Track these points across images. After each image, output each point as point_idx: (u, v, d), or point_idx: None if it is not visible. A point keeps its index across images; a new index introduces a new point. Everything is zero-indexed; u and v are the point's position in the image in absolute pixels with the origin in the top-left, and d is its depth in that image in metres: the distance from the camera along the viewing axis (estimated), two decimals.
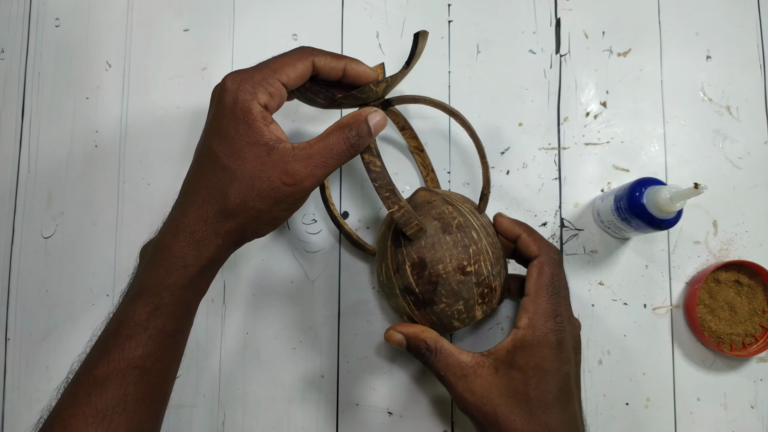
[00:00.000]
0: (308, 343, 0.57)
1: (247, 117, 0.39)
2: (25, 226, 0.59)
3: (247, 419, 0.56)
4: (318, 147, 0.40)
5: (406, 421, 0.56)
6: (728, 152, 0.59)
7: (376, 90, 0.44)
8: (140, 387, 0.39)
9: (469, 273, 0.45)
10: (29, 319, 0.58)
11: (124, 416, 0.38)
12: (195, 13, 0.61)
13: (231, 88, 0.40)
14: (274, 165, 0.39)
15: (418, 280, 0.46)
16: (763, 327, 0.55)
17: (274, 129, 0.40)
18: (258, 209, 0.40)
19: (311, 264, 0.58)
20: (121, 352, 0.39)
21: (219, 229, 0.40)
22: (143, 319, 0.39)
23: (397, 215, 0.44)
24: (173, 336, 0.41)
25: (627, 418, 0.55)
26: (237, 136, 0.39)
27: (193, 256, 0.40)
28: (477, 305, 0.46)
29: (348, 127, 0.41)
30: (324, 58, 0.42)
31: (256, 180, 0.39)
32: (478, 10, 0.61)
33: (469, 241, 0.45)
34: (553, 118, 0.59)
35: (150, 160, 0.59)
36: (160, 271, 0.40)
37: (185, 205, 0.41)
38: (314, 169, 0.40)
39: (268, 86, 0.40)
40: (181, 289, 0.40)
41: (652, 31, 0.60)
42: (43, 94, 0.61)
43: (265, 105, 0.40)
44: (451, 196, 0.49)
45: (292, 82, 0.41)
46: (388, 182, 0.43)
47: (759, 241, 0.57)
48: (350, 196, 0.59)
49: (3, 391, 0.57)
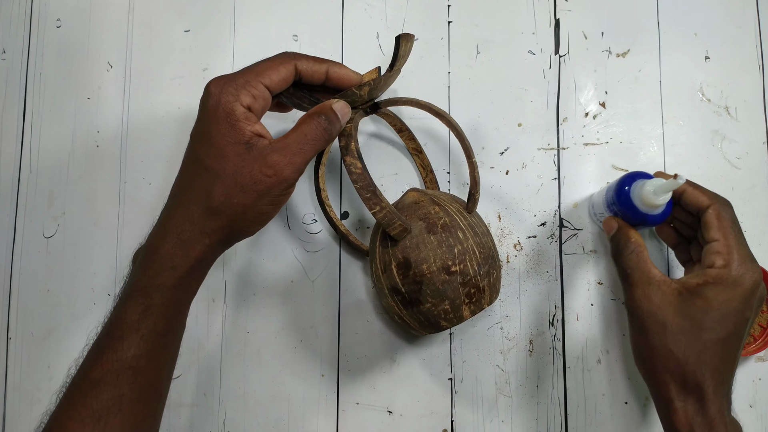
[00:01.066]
0: (308, 342, 0.57)
1: (230, 117, 0.40)
2: (27, 226, 0.59)
3: (248, 418, 0.56)
4: (293, 137, 0.42)
5: (406, 420, 0.56)
6: (727, 152, 0.59)
7: (360, 93, 0.45)
8: (134, 387, 0.40)
9: (454, 273, 0.45)
10: (30, 318, 0.58)
11: (120, 416, 0.39)
12: (196, 13, 0.61)
13: (214, 92, 0.41)
14: (254, 160, 0.40)
15: (404, 279, 0.46)
16: (762, 326, 0.56)
17: (258, 128, 0.41)
18: (242, 204, 0.41)
19: (311, 264, 0.58)
20: (113, 353, 0.40)
21: (205, 228, 0.41)
22: (134, 320, 0.40)
23: (379, 216, 0.44)
24: (165, 336, 0.42)
25: (626, 417, 0.56)
26: (219, 136, 0.41)
27: (181, 257, 0.41)
28: (464, 305, 0.46)
29: (316, 114, 0.43)
30: (306, 62, 0.44)
31: (239, 176, 0.40)
32: (478, 11, 0.61)
33: (454, 241, 0.46)
34: (553, 119, 0.60)
35: (151, 160, 0.60)
36: (149, 272, 0.41)
37: (172, 208, 0.42)
38: (292, 157, 0.41)
39: (251, 89, 0.41)
40: (170, 289, 0.41)
41: (651, 31, 0.61)
42: (45, 94, 0.61)
43: (248, 107, 0.41)
44: (440, 197, 0.49)
45: (276, 86, 0.43)
46: (369, 183, 0.44)
47: (758, 241, 0.58)
48: (350, 197, 0.59)
49: (4, 391, 0.57)
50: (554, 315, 0.57)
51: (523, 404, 0.56)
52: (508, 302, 0.57)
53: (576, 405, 0.56)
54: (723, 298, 0.43)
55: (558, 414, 0.56)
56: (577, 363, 0.56)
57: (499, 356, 0.57)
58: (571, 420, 0.56)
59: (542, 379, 0.56)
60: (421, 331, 0.49)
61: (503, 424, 0.56)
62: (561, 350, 0.57)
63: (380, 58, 0.60)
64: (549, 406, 0.56)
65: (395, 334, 0.57)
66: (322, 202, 0.56)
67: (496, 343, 0.57)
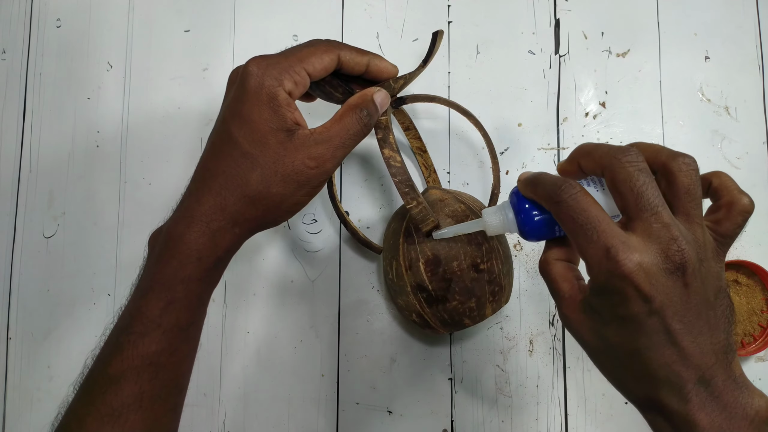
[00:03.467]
0: (308, 342, 0.57)
1: (273, 102, 0.38)
2: (27, 226, 0.59)
3: (248, 418, 0.56)
4: (335, 129, 0.40)
5: (406, 420, 0.56)
6: (727, 152, 0.59)
7: (395, 86, 0.45)
8: (155, 383, 0.38)
9: (482, 270, 0.45)
10: (30, 318, 0.58)
11: (140, 413, 0.38)
12: (196, 13, 0.61)
13: (256, 73, 0.39)
14: (297, 149, 0.39)
15: (432, 276, 0.46)
16: (762, 326, 0.56)
17: (297, 116, 0.40)
18: (281, 194, 0.39)
19: (311, 264, 0.58)
20: (134, 349, 0.38)
21: (238, 217, 0.39)
22: (156, 314, 0.38)
23: (415, 211, 0.44)
24: (187, 330, 0.40)
25: (626, 417, 0.56)
26: (261, 121, 0.39)
27: (209, 247, 0.39)
28: (488, 303, 0.47)
29: (359, 107, 0.41)
30: (349, 52, 0.42)
31: (280, 165, 0.39)
32: (478, 11, 0.61)
33: (482, 238, 0.46)
34: (553, 119, 0.60)
35: (151, 160, 0.60)
36: (173, 263, 0.38)
37: (201, 193, 0.39)
38: (335, 150, 0.40)
39: (294, 74, 0.39)
40: (195, 282, 0.39)
41: (650, 31, 0.61)
42: (45, 94, 0.61)
43: (289, 92, 0.39)
44: (461, 195, 0.50)
45: (317, 73, 0.41)
46: (408, 178, 0.43)
47: (758, 241, 0.58)
48: (350, 197, 0.59)
49: (4, 391, 0.57)
50: (554, 315, 0.57)
51: (523, 404, 0.56)
52: (509, 302, 0.57)
53: (576, 405, 0.56)
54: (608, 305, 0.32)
55: (558, 414, 0.56)
56: (577, 363, 0.56)
57: (499, 356, 0.57)
58: (571, 420, 0.56)
59: (542, 379, 0.56)
60: (440, 330, 0.49)
61: (503, 424, 0.56)
62: (561, 350, 0.57)
63: None
64: (549, 406, 0.56)
65: (395, 334, 0.57)
66: (333, 198, 0.55)
67: (496, 343, 0.57)
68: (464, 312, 0.46)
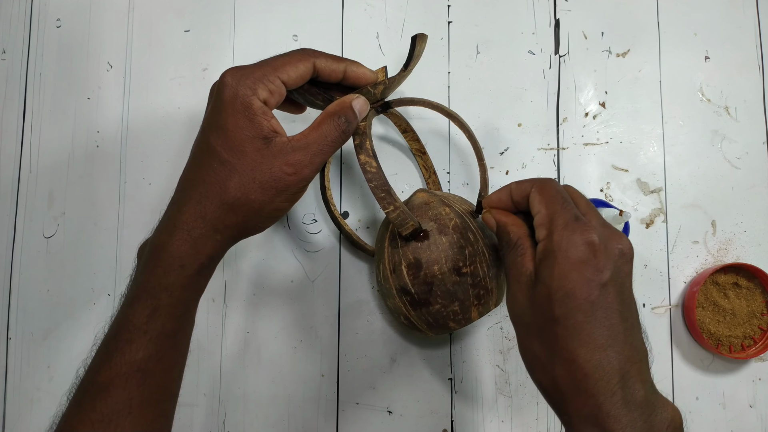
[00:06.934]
0: (308, 342, 0.57)
1: (248, 111, 0.40)
2: (27, 226, 0.59)
3: (248, 418, 0.56)
4: (313, 136, 0.41)
5: (406, 420, 0.56)
6: (727, 152, 0.59)
7: (374, 92, 0.45)
8: (144, 389, 0.39)
9: (464, 274, 0.45)
10: (30, 318, 0.58)
11: (130, 419, 0.39)
12: (196, 14, 0.61)
13: (230, 83, 0.40)
14: (274, 156, 0.40)
15: (414, 280, 0.46)
16: (762, 329, 0.56)
17: (274, 124, 0.41)
18: (260, 201, 0.40)
19: (311, 264, 0.58)
20: (122, 356, 0.39)
21: (218, 224, 0.40)
22: (142, 321, 0.39)
23: (393, 215, 0.44)
24: (174, 336, 0.41)
25: None
26: (236, 129, 0.40)
27: (191, 255, 0.40)
28: (473, 306, 0.46)
29: (337, 115, 0.42)
30: (325, 60, 0.43)
31: (257, 172, 0.40)
32: (478, 11, 0.61)
33: (465, 242, 0.46)
34: (552, 119, 0.60)
35: (151, 160, 0.60)
36: (157, 271, 0.40)
37: (182, 202, 0.40)
38: (313, 157, 0.41)
39: (268, 83, 0.40)
40: (179, 289, 0.40)
41: (650, 31, 0.61)
42: (45, 94, 0.61)
43: (264, 101, 0.40)
44: (449, 198, 0.49)
45: (292, 82, 0.42)
46: (384, 183, 0.44)
47: (757, 241, 0.58)
48: (350, 197, 0.59)
49: (4, 391, 0.57)
50: None
51: (523, 404, 0.56)
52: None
53: None
54: (557, 273, 0.35)
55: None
56: None
57: (499, 356, 0.57)
58: None
59: None
60: (427, 333, 0.49)
61: (503, 424, 0.56)
62: None
63: (380, 58, 0.60)
64: (549, 406, 0.56)
65: (395, 334, 0.57)
66: (327, 201, 0.56)
67: (496, 343, 0.57)
68: (448, 315, 0.46)
